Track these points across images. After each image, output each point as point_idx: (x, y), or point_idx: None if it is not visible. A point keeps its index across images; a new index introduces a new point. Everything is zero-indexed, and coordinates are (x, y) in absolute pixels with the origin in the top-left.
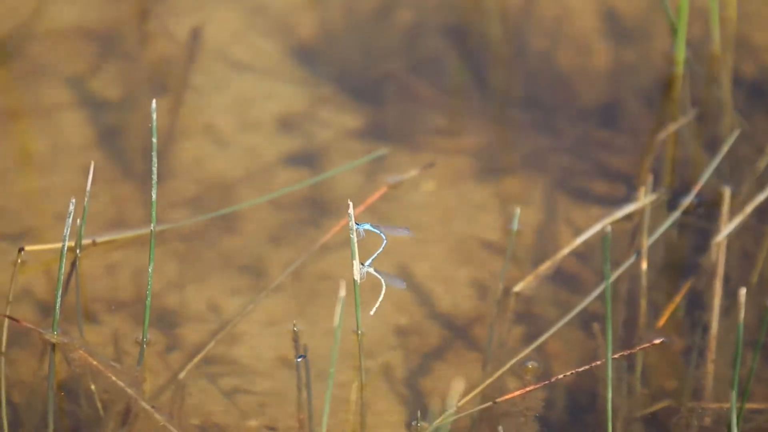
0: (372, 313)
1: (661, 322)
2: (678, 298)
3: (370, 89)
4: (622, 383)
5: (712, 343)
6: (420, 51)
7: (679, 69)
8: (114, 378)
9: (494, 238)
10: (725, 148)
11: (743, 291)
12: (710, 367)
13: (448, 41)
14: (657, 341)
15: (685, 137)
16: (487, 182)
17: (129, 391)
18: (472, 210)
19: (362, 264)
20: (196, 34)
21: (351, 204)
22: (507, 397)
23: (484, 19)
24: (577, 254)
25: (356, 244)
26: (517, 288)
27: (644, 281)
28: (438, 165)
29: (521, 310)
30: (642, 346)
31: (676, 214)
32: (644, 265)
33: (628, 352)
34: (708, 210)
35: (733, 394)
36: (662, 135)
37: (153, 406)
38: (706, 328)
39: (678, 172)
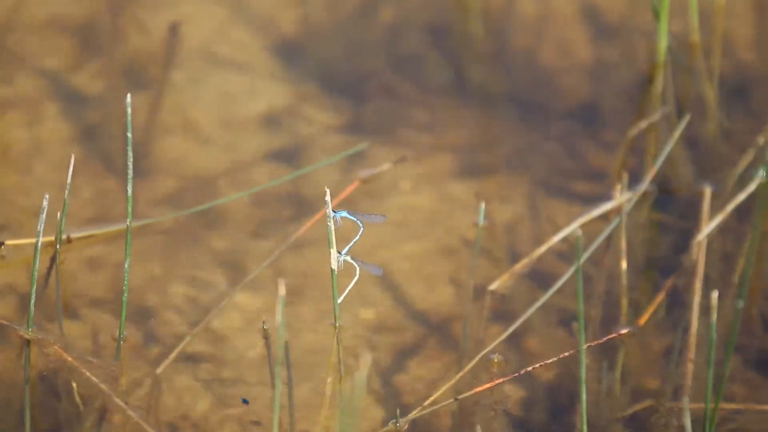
0: (339, 300)
1: (642, 320)
2: (659, 298)
3: (353, 86)
4: (601, 384)
5: (692, 343)
6: (402, 48)
7: (661, 58)
8: (88, 374)
9: (474, 236)
10: (676, 134)
11: (715, 294)
12: (689, 367)
13: (431, 39)
14: (624, 331)
15: (665, 132)
16: (467, 180)
17: (103, 387)
18: (452, 207)
19: (339, 252)
20: (176, 30)
21: (328, 191)
22: (471, 392)
23: (466, 17)
24: (557, 252)
25: (333, 233)
26: (492, 286)
27: (624, 280)
28: (419, 162)
29: (499, 308)
30: (609, 336)
31: (632, 202)
32: (624, 264)
33: (596, 342)
34: (689, 208)
35: (706, 396)
36: (634, 131)
37: (126, 403)
38: (686, 328)
39: (661, 167)
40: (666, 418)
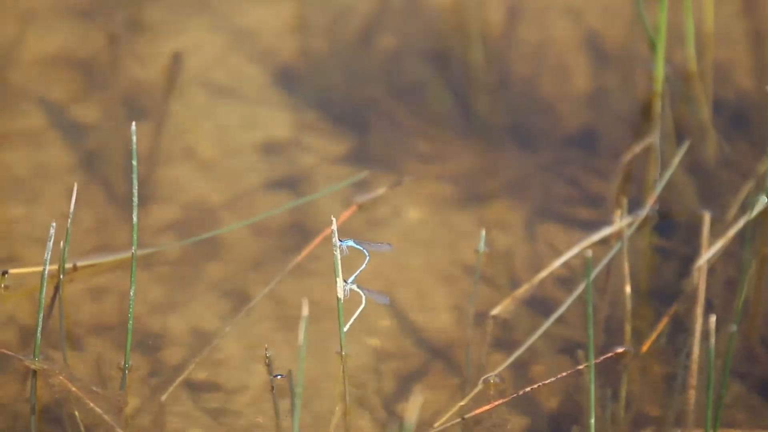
0: (346, 329)
1: (645, 346)
2: (662, 324)
3: (353, 115)
4: (606, 411)
5: (693, 369)
6: (402, 77)
7: (658, 87)
8: (92, 404)
9: (475, 263)
10: (676, 160)
11: (713, 318)
12: (691, 393)
13: (431, 67)
14: (620, 350)
15: (664, 158)
16: (469, 208)
17: (106, 418)
18: (454, 236)
19: (345, 281)
20: (178, 59)
21: (334, 220)
22: (475, 412)
23: (466, 45)
24: (558, 278)
25: (339, 262)
26: (494, 312)
27: (628, 305)
28: (420, 191)
29: (501, 334)
30: (607, 355)
31: (633, 227)
32: (628, 289)
33: (595, 361)
34: (690, 234)
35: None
36: (628, 156)
37: None
38: (688, 354)
39: (662, 193)
40: None
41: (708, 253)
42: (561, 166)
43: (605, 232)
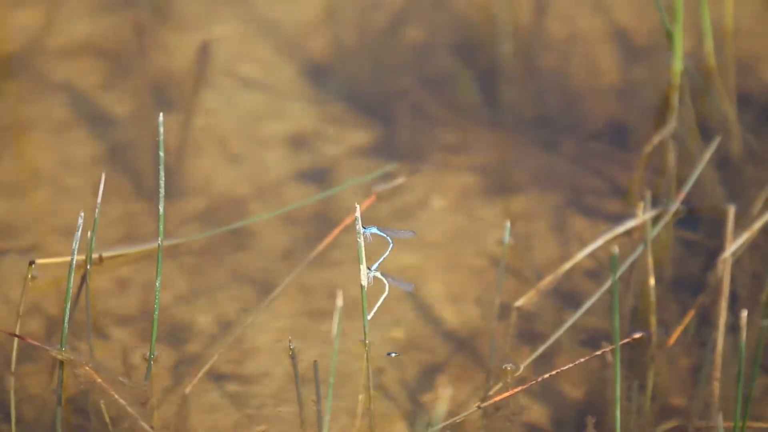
0: (369, 317)
1: (672, 340)
2: (688, 318)
3: (381, 106)
4: (631, 402)
5: (718, 362)
6: (430, 68)
7: (676, 80)
8: (116, 396)
9: (500, 254)
10: (706, 156)
11: (744, 313)
12: (716, 386)
13: (459, 58)
14: (637, 335)
15: (689, 151)
16: (495, 199)
17: (130, 410)
18: (480, 226)
19: (369, 269)
20: (206, 50)
21: (358, 207)
22: (491, 401)
23: (494, 36)
24: (583, 270)
25: (363, 249)
26: (518, 303)
27: (653, 297)
28: (447, 182)
29: (525, 325)
30: (623, 341)
31: (663, 222)
32: (652, 281)
33: (611, 348)
34: (716, 227)
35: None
36: (647, 149)
37: (152, 427)
38: (713, 347)
39: (684, 185)
40: None
41: (733, 246)
42: (587, 159)
43: (629, 225)
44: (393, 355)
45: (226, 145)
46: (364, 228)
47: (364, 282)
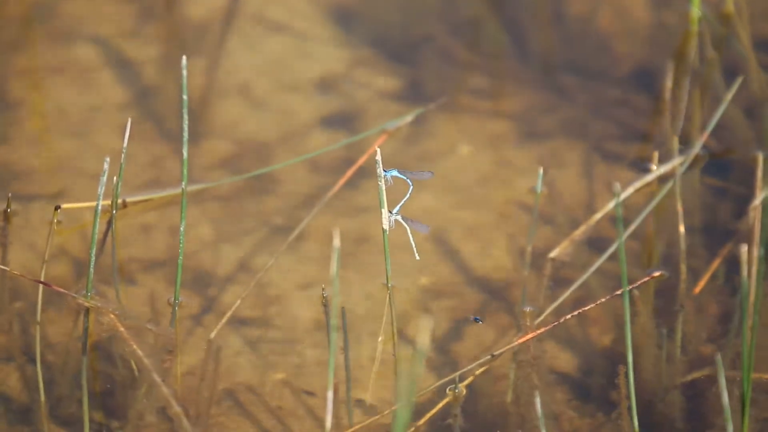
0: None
1: (699, 288)
2: (715, 264)
3: (409, 51)
4: (661, 351)
5: (751, 311)
6: (458, 13)
7: (694, 27)
8: (135, 347)
9: (532, 202)
10: (729, 96)
11: None
12: (748, 335)
13: (487, 4)
14: (657, 273)
15: (713, 96)
16: (525, 145)
17: (145, 362)
18: (509, 173)
19: (390, 212)
20: None
21: (378, 150)
22: (505, 348)
23: None
24: (614, 218)
25: (384, 193)
26: (552, 254)
27: (683, 245)
28: (475, 128)
29: (558, 275)
30: (642, 281)
31: (684, 166)
32: (681, 228)
33: (633, 286)
34: (745, 174)
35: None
36: (666, 94)
37: (163, 380)
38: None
39: (715, 133)
40: (726, 388)
41: (763, 193)
42: (613, 105)
43: (657, 172)
44: (478, 320)
45: (252, 90)
46: (385, 171)
47: (386, 226)
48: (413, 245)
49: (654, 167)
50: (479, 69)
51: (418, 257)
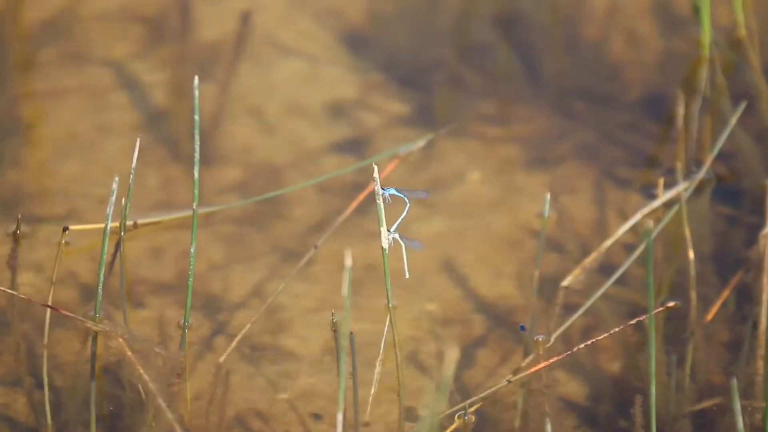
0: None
1: (710, 315)
2: (726, 292)
3: (419, 76)
4: (671, 379)
5: (762, 339)
6: (470, 38)
7: (705, 52)
8: (142, 371)
9: (539, 227)
10: (733, 120)
11: None
12: (760, 365)
13: (498, 29)
14: (671, 304)
15: (723, 120)
16: (535, 171)
17: (151, 386)
18: (519, 199)
19: (389, 231)
20: (245, 19)
21: (376, 168)
22: (521, 375)
23: (534, 7)
24: (624, 244)
25: (383, 211)
26: (565, 282)
27: (692, 271)
28: (485, 153)
29: (570, 302)
30: (656, 310)
31: (689, 190)
32: (691, 254)
33: (644, 317)
34: (756, 202)
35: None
36: (678, 121)
37: (168, 405)
38: (755, 324)
39: (726, 160)
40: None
41: None
42: (623, 130)
43: (665, 197)
44: (524, 330)
45: (263, 113)
46: (383, 189)
47: (385, 244)
48: (405, 264)
49: (659, 193)
50: (490, 94)
51: (408, 275)
